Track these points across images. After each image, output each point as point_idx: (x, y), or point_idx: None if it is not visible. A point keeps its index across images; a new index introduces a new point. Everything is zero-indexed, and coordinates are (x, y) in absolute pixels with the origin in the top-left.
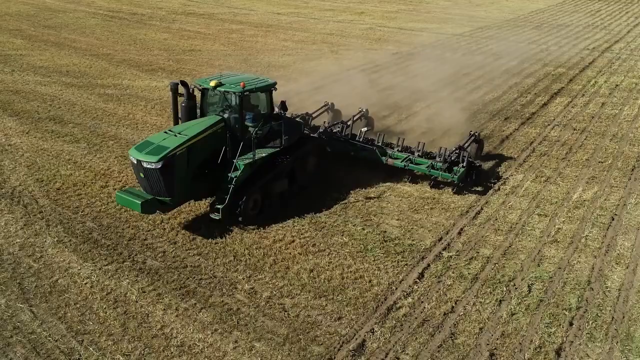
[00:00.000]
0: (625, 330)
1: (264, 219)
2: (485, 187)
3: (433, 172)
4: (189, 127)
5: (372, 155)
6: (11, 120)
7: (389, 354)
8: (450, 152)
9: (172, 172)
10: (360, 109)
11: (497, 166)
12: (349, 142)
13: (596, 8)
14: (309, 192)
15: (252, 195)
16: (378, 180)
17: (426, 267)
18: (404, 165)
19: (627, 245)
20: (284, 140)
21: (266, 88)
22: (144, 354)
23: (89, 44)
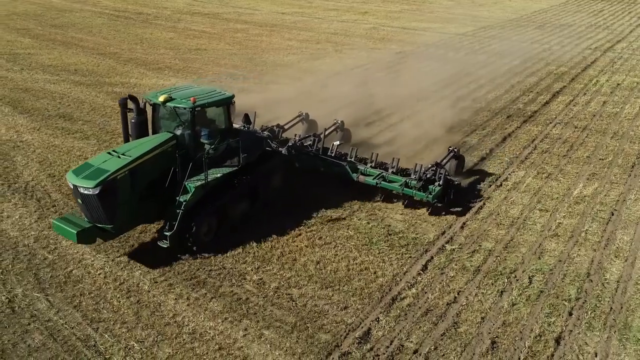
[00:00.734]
0: (623, 320)
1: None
2: (464, 207)
3: (406, 191)
4: (135, 146)
5: (343, 171)
6: (22, 118)
7: (393, 341)
8: (426, 169)
9: (112, 198)
10: (335, 120)
11: (479, 182)
12: (319, 157)
13: (599, 8)
14: (276, 208)
15: (205, 220)
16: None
17: (430, 260)
18: (375, 182)
19: (626, 239)
20: (242, 158)
21: (222, 102)
22: (157, 340)
23: (96, 43)
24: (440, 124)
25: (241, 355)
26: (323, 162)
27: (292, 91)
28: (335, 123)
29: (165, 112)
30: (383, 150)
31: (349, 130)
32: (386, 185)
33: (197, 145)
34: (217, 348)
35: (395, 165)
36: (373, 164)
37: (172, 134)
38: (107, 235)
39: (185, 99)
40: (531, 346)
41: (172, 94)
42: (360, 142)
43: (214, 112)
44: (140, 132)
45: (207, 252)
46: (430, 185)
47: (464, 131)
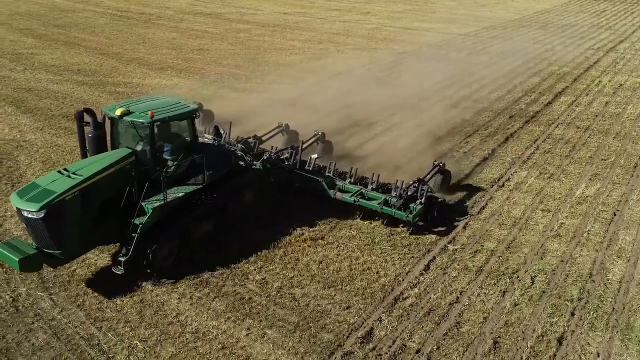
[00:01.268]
0: (625, 321)
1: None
2: (449, 226)
3: (386, 210)
4: (89, 164)
5: (319, 187)
6: (25, 117)
7: (396, 341)
8: (407, 185)
9: (59, 222)
10: (316, 132)
11: (466, 199)
12: (294, 171)
13: (601, 8)
14: (249, 225)
15: (164, 243)
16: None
17: (432, 260)
18: (353, 200)
19: (629, 239)
20: (206, 175)
21: (184, 115)
22: (160, 339)
23: (99, 43)
24: (436, 127)
25: (244, 355)
26: (299, 177)
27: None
28: (315, 134)
29: (123, 126)
30: (372, 161)
31: (330, 142)
32: (364, 204)
33: (158, 161)
34: (220, 347)
35: (376, 181)
36: (352, 180)
37: (132, 150)
38: (56, 262)
39: (144, 112)
40: (533, 346)
41: (130, 107)
42: (347, 153)
43: (178, 126)
44: (98, 147)
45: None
46: (412, 203)
47: (466, 131)
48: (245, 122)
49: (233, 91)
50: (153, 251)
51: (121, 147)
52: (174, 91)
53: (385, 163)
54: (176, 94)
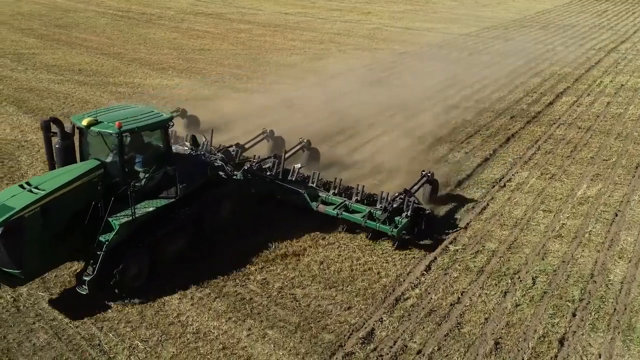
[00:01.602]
0: (627, 322)
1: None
2: (435, 240)
3: (369, 224)
4: (53, 177)
5: (301, 200)
6: (26, 117)
7: (397, 342)
8: (393, 197)
9: (17, 240)
10: (301, 139)
11: (456, 210)
12: (276, 182)
13: (603, 8)
14: (229, 240)
15: (133, 262)
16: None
17: (433, 260)
18: (336, 213)
19: (630, 240)
20: (179, 189)
21: (156, 125)
22: (161, 340)
23: (100, 43)
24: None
25: (245, 355)
26: (280, 188)
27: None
28: (300, 142)
29: (92, 137)
30: (366, 167)
31: (317, 150)
32: (347, 217)
33: (128, 174)
34: (221, 348)
35: (360, 193)
36: (336, 191)
37: (100, 162)
38: (15, 281)
39: (112, 122)
40: (535, 347)
41: (99, 116)
42: (337, 160)
43: (150, 136)
44: (66, 158)
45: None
46: (398, 216)
47: (467, 132)
48: (234, 127)
49: (234, 91)
50: (120, 270)
51: (90, 159)
52: (175, 91)
53: (380, 168)
54: (177, 94)
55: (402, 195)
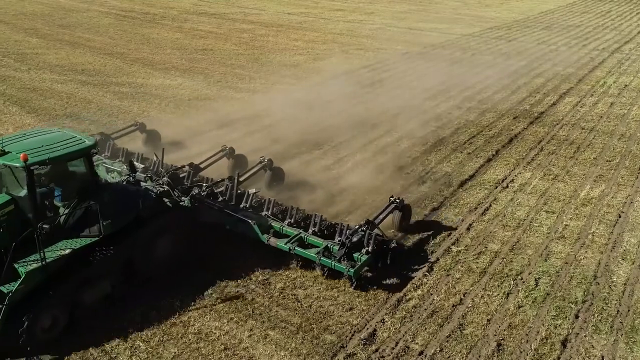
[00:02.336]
0: (630, 323)
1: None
2: (404, 277)
3: (324, 262)
4: None
5: (250, 231)
6: (29, 117)
7: (399, 343)
8: (353, 230)
9: None
10: (261, 158)
11: (431, 238)
12: (224, 211)
13: (607, 9)
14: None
15: (43, 314)
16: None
17: (435, 261)
18: (288, 248)
19: (633, 241)
20: (102, 226)
21: (74, 154)
22: (162, 340)
23: (103, 43)
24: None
25: (246, 356)
26: (228, 217)
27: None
28: (260, 162)
29: (2, 168)
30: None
31: (280, 169)
32: (300, 253)
33: (43, 210)
34: (223, 348)
35: (319, 223)
36: (292, 221)
37: (10, 197)
38: None
39: (21, 152)
40: (537, 349)
41: (8, 145)
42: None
43: (71, 166)
44: None
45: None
46: (358, 252)
47: (470, 132)
48: (205, 140)
49: (236, 91)
50: (29, 325)
51: (2, 193)
52: (178, 91)
53: (351, 190)
54: (179, 94)
55: (365, 227)
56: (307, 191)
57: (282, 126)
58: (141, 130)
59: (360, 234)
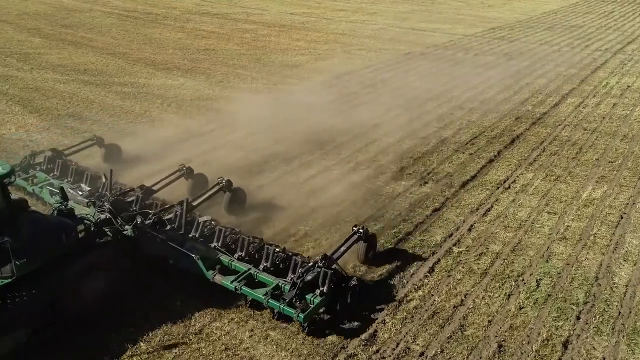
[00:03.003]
0: (632, 325)
1: None
2: (367, 320)
3: (271, 304)
4: None
5: (194, 267)
6: (32, 117)
7: (399, 344)
8: (306, 268)
9: None
10: (219, 180)
11: (399, 272)
12: (168, 243)
13: (609, 9)
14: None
15: None
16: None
17: (437, 262)
18: (234, 288)
19: (635, 243)
20: (15, 266)
21: None
22: (163, 340)
23: (106, 43)
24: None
25: (247, 356)
26: (172, 250)
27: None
28: (218, 183)
29: None
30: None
31: (242, 191)
32: (247, 293)
33: None
34: (224, 349)
35: (271, 257)
36: (243, 254)
37: None
38: None
39: None
40: (538, 350)
41: None
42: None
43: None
44: None
45: None
46: (311, 293)
47: (472, 133)
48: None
49: (238, 92)
50: None
51: None
52: (180, 91)
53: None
54: (182, 95)
55: (321, 263)
56: (275, 212)
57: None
58: (99, 145)
59: (315, 272)
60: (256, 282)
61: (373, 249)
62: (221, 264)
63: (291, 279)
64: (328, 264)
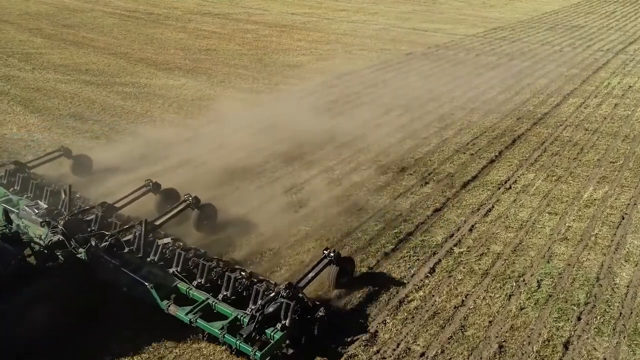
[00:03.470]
0: (633, 326)
1: None
2: (336, 355)
3: (227, 340)
4: None
5: (147, 296)
6: (33, 117)
7: (400, 344)
8: (267, 298)
9: None
10: (186, 197)
11: (373, 298)
12: (121, 270)
13: (611, 9)
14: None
15: None
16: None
17: (437, 262)
18: (189, 320)
19: (637, 243)
20: None
21: None
22: (164, 340)
23: (107, 43)
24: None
25: None
26: (125, 278)
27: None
28: (184, 201)
29: None
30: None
31: (213, 208)
32: (202, 326)
33: None
34: (224, 348)
35: (232, 284)
36: (203, 280)
37: None
38: None
39: None
40: (539, 351)
41: None
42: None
43: None
44: None
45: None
46: (274, 326)
47: (473, 133)
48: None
49: (239, 92)
50: None
51: None
52: (181, 91)
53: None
54: (183, 95)
55: (285, 292)
56: (249, 229)
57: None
58: (67, 156)
59: (277, 303)
60: (215, 313)
61: (348, 274)
62: (179, 292)
63: (251, 311)
64: (292, 294)
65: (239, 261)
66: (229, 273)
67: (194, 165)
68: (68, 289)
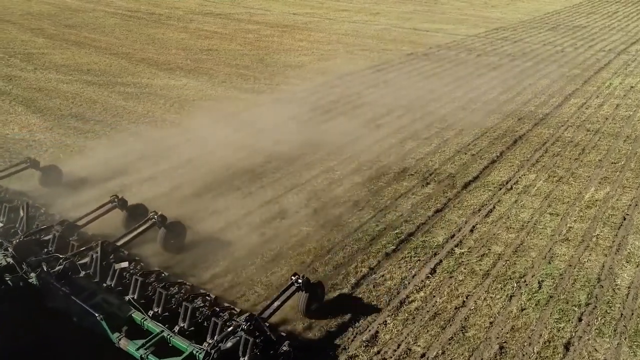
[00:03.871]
0: (634, 327)
1: None
2: None
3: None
4: None
5: (97, 327)
6: (35, 117)
7: (401, 345)
8: (225, 332)
9: None
10: (152, 214)
11: (348, 327)
12: (71, 298)
13: (613, 9)
14: None
15: None
16: None
17: (438, 263)
18: (140, 355)
19: (638, 244)
20: None
21: None
22: None
23: (109, 43)
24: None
25: None
26: (75, 307)
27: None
28: (150, 218)
29: None
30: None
31: (181, 225)
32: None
33: None
34: None
35: (189, 315)
36: (159, 310)
37: None
38: None
39: None
40: (540, 352)
41: None
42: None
43: None
44: None
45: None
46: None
47: (475, 133)
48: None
49: (241, 92)
50: None
51: None
52: (182, 92)
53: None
54: (184, 95)
55: (245, 325)
56: (221, 248)
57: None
58: (35, 167)
59: (237, 337)
60: (169, 346)
61: (318, 300)
62: (134, 322)
63: (207, 346)
64: (254, 327)
65: (205, 283)
66: (187, 303)
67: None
68: (16, 316)
